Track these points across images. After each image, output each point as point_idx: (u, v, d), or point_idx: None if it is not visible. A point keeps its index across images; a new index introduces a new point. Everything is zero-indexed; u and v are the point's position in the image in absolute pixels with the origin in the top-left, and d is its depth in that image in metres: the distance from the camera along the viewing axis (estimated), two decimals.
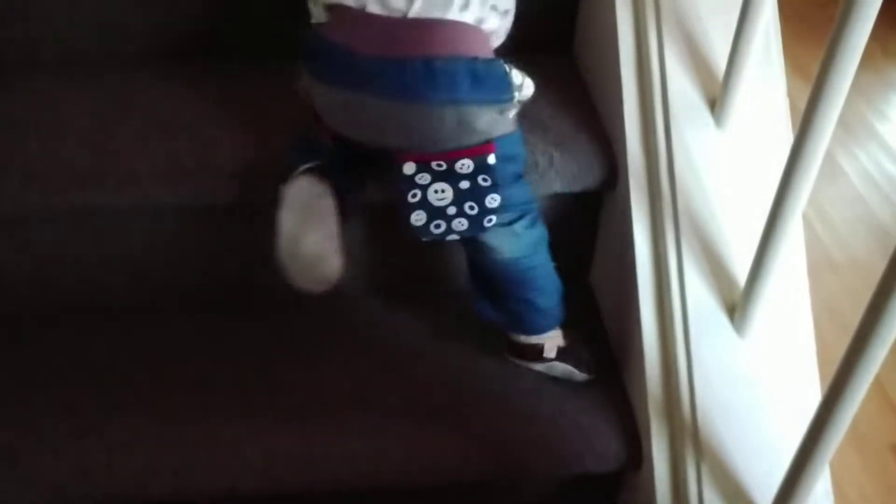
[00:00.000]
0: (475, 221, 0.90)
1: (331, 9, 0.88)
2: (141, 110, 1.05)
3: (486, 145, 0.87)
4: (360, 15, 0.85)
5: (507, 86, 0.88)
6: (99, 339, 1.07)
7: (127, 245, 1.07)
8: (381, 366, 1.06)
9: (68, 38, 1.13)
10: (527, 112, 1.06)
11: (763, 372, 0.92)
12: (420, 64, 0.83)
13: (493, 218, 0.91)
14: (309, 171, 0.90)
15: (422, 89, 0.83)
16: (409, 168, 0.87)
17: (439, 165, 0.87)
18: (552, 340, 1.03)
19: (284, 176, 0.91)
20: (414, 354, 1.07)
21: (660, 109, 1.00)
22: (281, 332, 1.08)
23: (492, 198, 0.89)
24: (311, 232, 0.86)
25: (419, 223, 0.90)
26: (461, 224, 0.90)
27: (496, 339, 1.07)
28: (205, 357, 1.05)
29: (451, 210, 0.89)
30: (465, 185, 0.88)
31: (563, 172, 1.03)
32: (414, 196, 0.88)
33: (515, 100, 0.90)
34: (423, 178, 0.88)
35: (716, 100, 0.99)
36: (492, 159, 0.88)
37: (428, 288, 1.17)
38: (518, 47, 1.14)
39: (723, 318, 0.94)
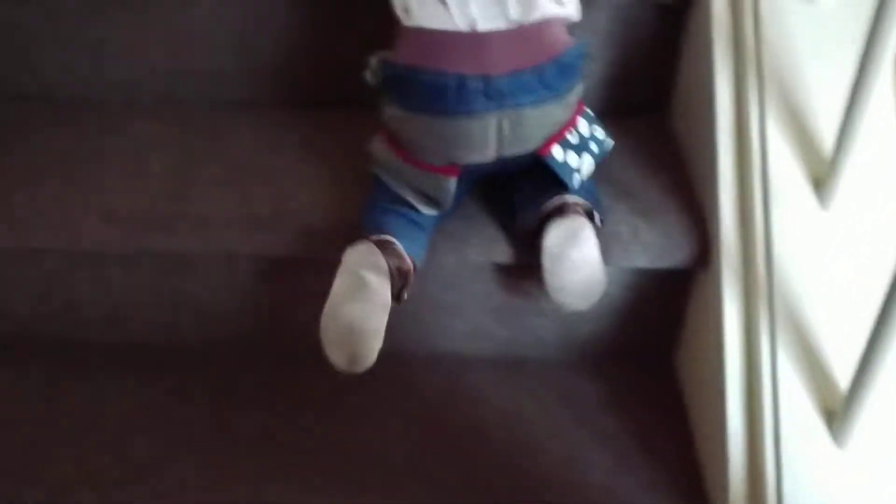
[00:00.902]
0: (601, 151, 0.96)
1: (424, 34, 0.89)
2: (224, 157, 1.05)
3: (580, 104, 0.96)
4: (473, 37, 0.88)
5: (590, 57, 0.98)
6: (161, 379, 1.06)
7: (198, 287, 1.06)
8: (445, 438, 1.01)
9: (166, 83, 1.16)
10: (614, 177, 1.01)
11: (863, 490, 0.81)
12: (552, 66, 0.89)
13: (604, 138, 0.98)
14: (375, 241, 0.88)
15: (557, 86, 0.90)
16: (557, 151, 0.92)
17: (571, 134, 0.93)
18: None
19: (354, 237, 0.90)
20: (481, 431, 1.02)
21: (758, 185, 0.92)
22: (345, 389, 1.04)
23: (608, 140, 0.97)
24: (357, 303, 0.84)
25: (577, 184, 0.94)
26: (591, 163, 0.96)
27: (570, 420, 1.00)
28: (264, 410, 1.03)
29: (587, 160, 0.94)
30: (595, 147, 0.95)
31: (649, 246, 0.96)
32: (576, 181, 0.93)
33: None
34: (572, 158, 0.93)
35: (820, 178, 0.91)
36: (586, 108, 0.96)
37: (503, 357, 1.11)
38: (613, 109, 1.10)
39: (819, 425, 0.84)
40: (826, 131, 0.91)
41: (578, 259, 0.90)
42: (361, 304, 0.83)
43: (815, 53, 0.95)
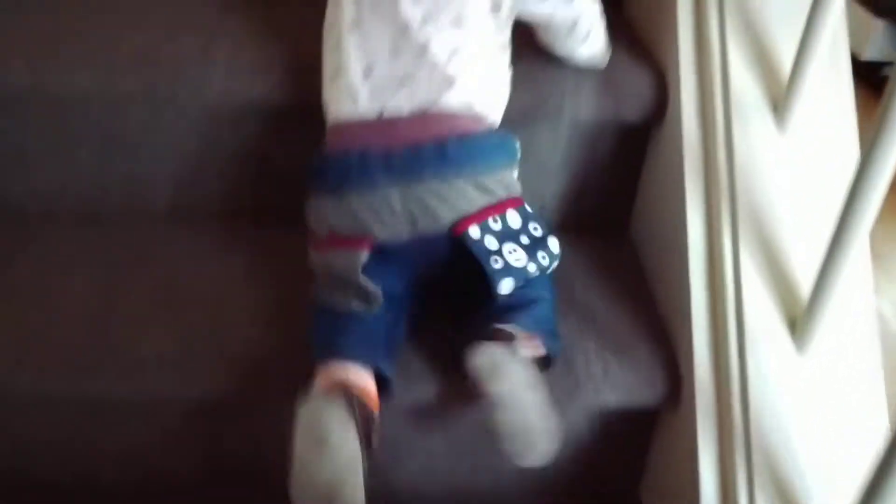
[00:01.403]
0: (544, 253, 0.90)
1: (340, 126, 0.90)
2: (155, 278, 0.96)
3: (517, 198, 0.91)
4: (377, 123, 0.88)
5: (515, 150, 0.94)
6: None
7: (121, 432, 0.96)
8: None
9: (93, 192, 1.06)
10: (576, 298, 0.96)
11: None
12: (457, 142, 0.87)
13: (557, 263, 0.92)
14: (329, 384, 0.80)
15: (464, 164, 0.87)
16: (474, 231, 0.87)
17: (494, 220, 0.88)
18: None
19: (303, 368, 0.82)
20: None
21: (733, 324, 0.88)
22: None
23: (552, 241, 0.91)
24: (325, 467, 0.75)
25: (508, 290, 0.87)
26: (524, 259, 0.88)
27: None
28: None
29: (532, 269, 0.88)
30: (525, 239, 0.89)
31: (619, 384, 0.90)
32: (496, 262, 0.86)
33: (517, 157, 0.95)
34: (491, 241, 0.87)
35: (797, 320, 0.87)
36: (528, 208, 0.91)
37: (458, 493, 1.04)
38: (573, 225, 1.05)
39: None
40: (802, 269, 0.88)
41: (506, 396, 0.80)
42: (330, 466, 0.75)
43: (789, 185, 0.91)
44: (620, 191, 1.10)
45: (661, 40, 1.03)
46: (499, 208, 0.88)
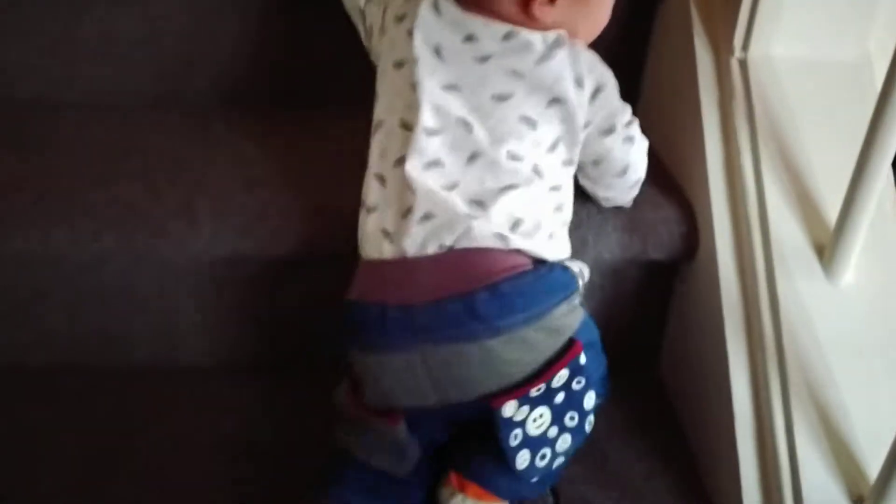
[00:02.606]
0: (578, 431, 0.78)
1: (366, 265, 0.79)
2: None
3: (575, 346, 0.76)
4: (400, 264, 0.76)
5: (570, 278, 0.78)
6: None
7: None
8: None
9: (65, 346, 0.96)
10: (617, 471, 0.87)
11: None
12: (485, 294, 0.73)
13: (593, 417, 0.79)
14: None
15: (494, 319, 0.73)
16: (509, 409, 0.74)
17: (538, 390, 0.75)
18: None
19: None
20: None
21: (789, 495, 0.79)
22: None
23: (588, 397, 0.78)
24: None
25: (524, 465, 0.76)
26: (565, 442, 0.78)
27: None
28: None
29: (553, 431, 0.77)
30: (560, 398, 0.76)
31: None
32: (515, 438, 0.75)
33: (581, 285, 0.80)
34: (522, 413, 0.75)
35: (853, 483, 0.78)
36: (583, 358, 0.76)
37: None
38: None
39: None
40: (866, 450, 0.79)
41: None
42: None
43: (842, 343, 0.83)
44: (647, 328, 1.01)
45: (689, 173, 0.95)
46: (548, 374, 0.75)
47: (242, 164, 0.93)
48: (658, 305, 1.00)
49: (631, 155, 0.86)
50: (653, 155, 0.96)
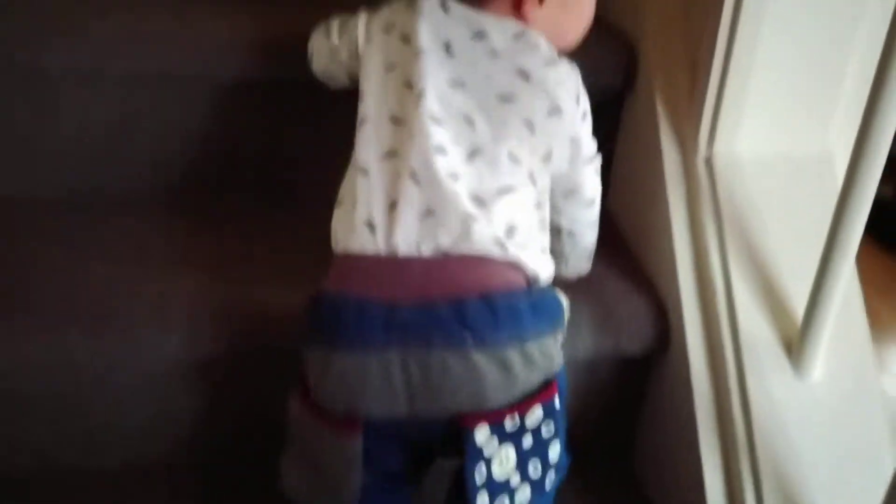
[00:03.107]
0: (538, 487, 0.74)
1: (344, 258, 0.75)
2: None
3: (552, 386, 0.74)
4: (389, 261, 0.73)
5: (560, 309, 0.78)
6: None
7: None
8: None
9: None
10: None
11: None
12: (480, 304, 0.70)
13: (554, 475, 0.75)
14: None
15: (485, 332, 0.70)
16: (482, 434, 0.70)
17: (513, 422, 0.71)
18: None
19: None
20: None
21: None
22: None
23: (553, 448, 0.74)
24: None
25: None
26: (524, 495, 0.73)
27: None
28: None
29: (515, 480, 0.72)
30: (528, 441, 0.72)
31: None
32: (480, 475, 0.71)
33: (566, 323, 0.79)
34: (492, 446, 0.71)
35: None
36: (557, 403, 0.74)
37: None
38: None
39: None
40: None
41: None
42: None
43: (813, 439, 0.84)
44: (620, 420, 1.01)
45: (659, 268, 0.96)
46: (524, 406, 0.72)
47: (210, 261, 0.93)
48: (631, 398, 1.01)
49: (598, 188, 0.88)
50: (624, 249, 0.98)
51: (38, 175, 1.02)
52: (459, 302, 0.70)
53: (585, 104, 0.82)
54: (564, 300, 0.79)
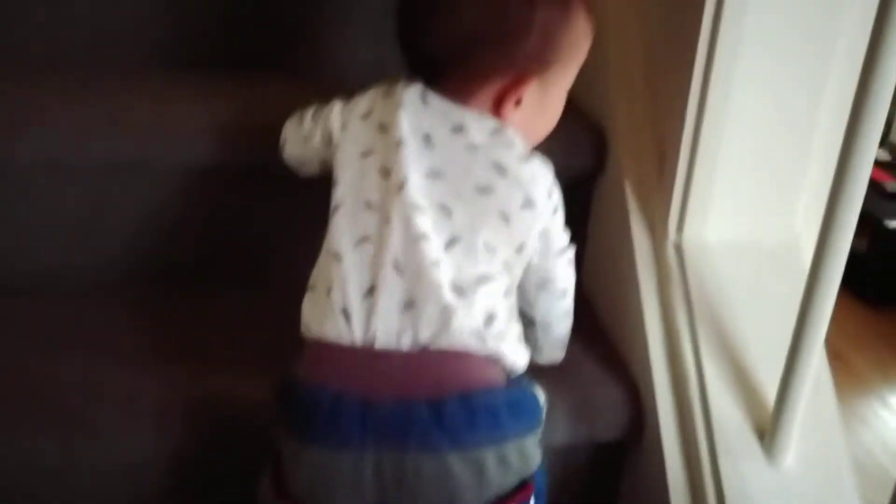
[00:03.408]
0: None
1: (321, 342, 0.74)
2: None
3: (527, 487, 0.73)
4: (366, 352, 0.72)
5: (538, 408, 0.77)
6: None
7: None
8: None
9: None
10: None
11: None
12: (457, 403, 0.70)
13: None
14: None
15: (462, 434, 0.69)
16: None
17: None
18: None
19: None
20: None
21: None
22: None
23: None
24: None
25: None
26: None
27: None
28: None
29: None
30: None
31: None
32: None
33: (542, 421, 0.78)
34: None
35: None
36: (533, 501, 0.73)
37: None
38: None
39: None
40: None
41: None
42: None
43: None
44: None
45: (631, 354, 0.97)
46: (512, 500, 0.72)
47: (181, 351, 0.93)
48: (607, 483, 1.01)
49: (570, 279, 0.89)
50: (599, 331, 0.99)
51: (4, 262, 1.01)
52: (438, 401, 0.70)
53: (557, 199, 0.84)
54: (542, 397, 0.79)
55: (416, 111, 0.81)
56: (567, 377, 0.93)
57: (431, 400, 0.70)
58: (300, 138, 0.91)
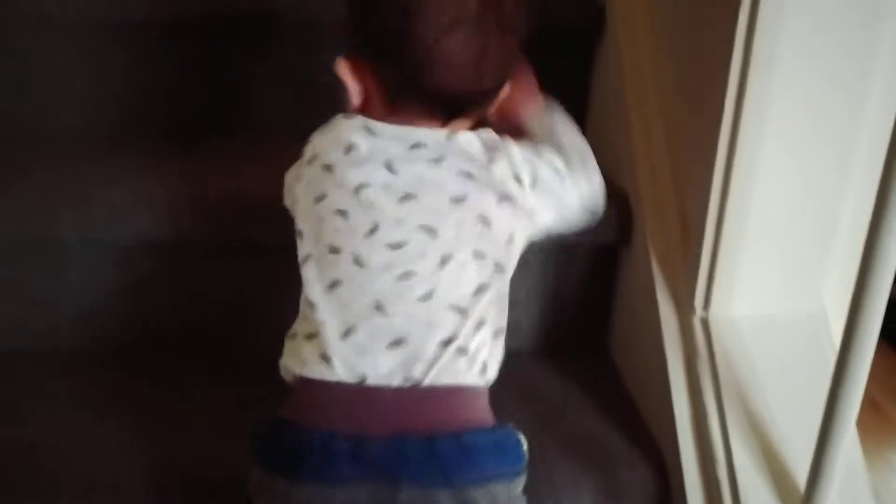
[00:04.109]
0: None
1: (306, 384, 0.75)
2: None
3: None
4: (356, 391, 0.72)
5: (522, 452, 0.77)
6: None
7: None
8: None
9: None
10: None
11: None
12: (450, 440, 0.71)
13: None
14: None
15: (452, 471, 0.70)
16: None
17: None
18: None
19: None
20: None
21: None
22: None
23: None
24: None
25: None
26: None
27: None
28: None
29: None
30: None
31: None
32: None
33: (525, 468, 0.77)
34: None
35: None
36: None
37: None
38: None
39: None
40: None
41: None
42: None
43: None
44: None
45: (659, 430, 0.96)
46: None
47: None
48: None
49: (577, 197, 0.87)
50: (628, 403, 0.98)
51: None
52: (430, 438, 0.71)
53: (530, 174, 0.81)
54: (524, 442, 0.78)
55: (368, 144, 0.79)
56: (594, 453, 0.93)
57: (423, 436, 0.70)
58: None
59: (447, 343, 0.74)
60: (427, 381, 0.73)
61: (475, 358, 0.76)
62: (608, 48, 1.16)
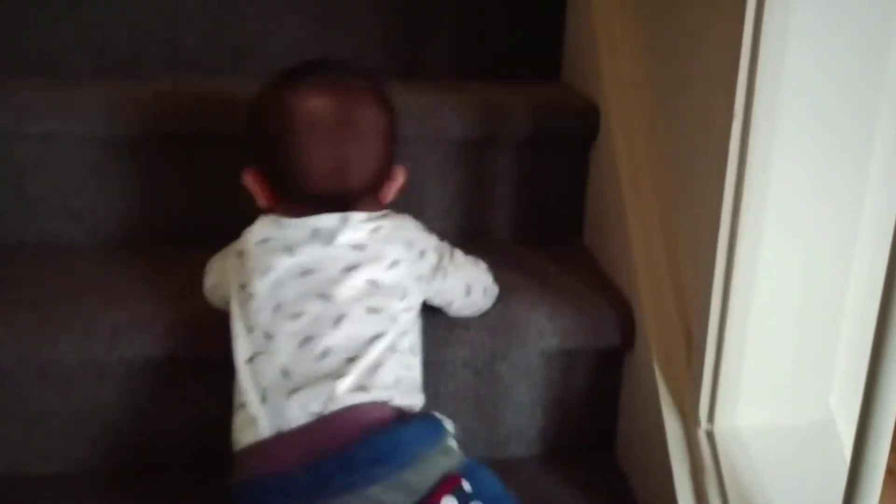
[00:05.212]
0: None
1: (243, 453, 0.84)
2: None
3: (453, 479, 0.81)
4: (277, 440, 0.82)
5: (437, 423, 0.85)
6: None
7: None
8: None
9: None
10: None
11: None
12: (364, 448, 0.79)
13: None
14: None
15: (370, 468, 0.78)
16: None
17: None
18: None
19: None
20: None
21: None
22: None
23: None
24: None
25: None
26: None
27: None
28: None
29: None
30: None
31: None
32: None
33: (451, 429, 0.86)
34: None
35: None
36: (467, 485, 0.81)
37: None
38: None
39: None
40: None
41: None
42: None
43: None
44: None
45: None
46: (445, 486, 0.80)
47: None
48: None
49: (465, 277, 0.99)
50: None
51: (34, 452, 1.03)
52: (342, 453, 0.79)
53: (421, 244, 0.94)
54: (444, 418, 0.86)
55: (273, 233, 0.90)
56: None
57: (338, 452, 0.79)
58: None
59: (346, 386, 0.82)
60: (327, 410, 0.82)
61: (376, 391, 0.83)
62: (603, 150, 1.18)
